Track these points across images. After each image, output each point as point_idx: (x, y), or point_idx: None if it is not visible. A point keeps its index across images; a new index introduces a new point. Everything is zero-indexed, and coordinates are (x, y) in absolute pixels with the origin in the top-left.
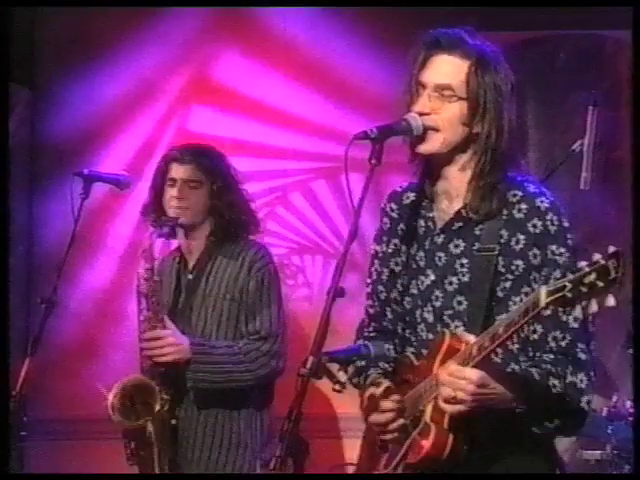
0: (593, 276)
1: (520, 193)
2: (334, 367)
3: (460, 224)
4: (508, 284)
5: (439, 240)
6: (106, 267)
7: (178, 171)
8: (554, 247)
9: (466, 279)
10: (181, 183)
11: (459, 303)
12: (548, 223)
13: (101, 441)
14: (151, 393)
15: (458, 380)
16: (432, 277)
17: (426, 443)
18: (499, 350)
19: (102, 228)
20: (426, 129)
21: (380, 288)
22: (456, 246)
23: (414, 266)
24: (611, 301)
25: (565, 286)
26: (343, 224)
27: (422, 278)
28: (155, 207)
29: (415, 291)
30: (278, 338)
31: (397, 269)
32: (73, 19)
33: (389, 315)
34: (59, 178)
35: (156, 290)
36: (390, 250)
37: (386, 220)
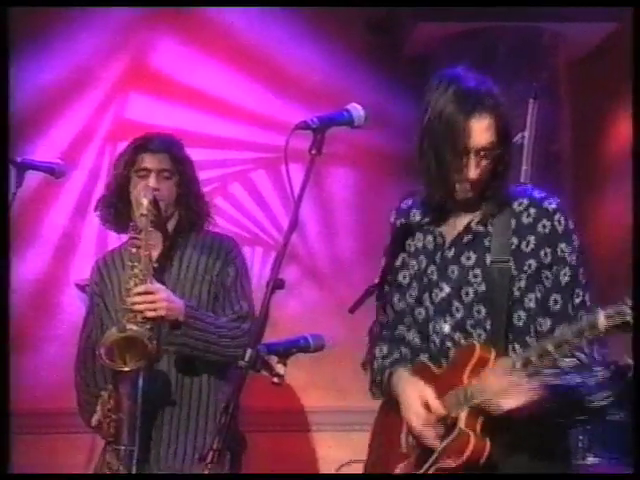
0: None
1: (526, 200)
2: (273, 360)
3: (470, 237)
4: (522, 283)
5: (450, 254)
6: (40, 258)
7: (153, 161)
8: (563, 245)
9: (482, 288)
10: (155, 173)
11: (478, 312)
12: (556, 223)
13: (32, 435)
14: (139, 342)
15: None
16: (447, 289)
17: (467, 449)
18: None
19: (36, 218)
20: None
21: (390, 299)
22: (468, 258)
23: (425, 280)
24: None
25: (625, 311)
26: (283, 215)
27: (436, 291)
28: (116, 200)
29: (428, 303)
30: (253, 319)
31: (405, 282)
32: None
33: (401, 324)
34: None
35: (148, 245)
36: (398, 264)
37: (394, 235)
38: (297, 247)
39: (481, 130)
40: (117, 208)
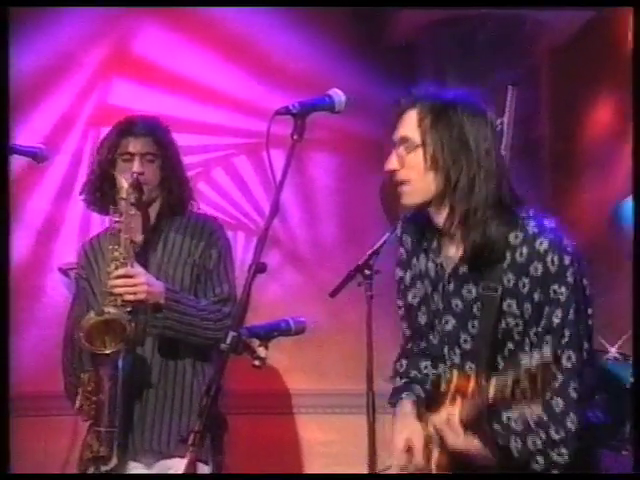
0: (525, 382)
1: (521, 235)
2: (254, 343)
3: (465, 268)
4: (520, 327)
5: (451, 287)
6: (22, 242)
7: (136, 145)
8: (555, 286)
9: None
10: (139, 157)
11: None
12: (549, 264)
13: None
14: (118, 324)
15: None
16: (453, 322)
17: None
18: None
19: (18, 202)
20: (400, 184)
21: (407, 314)
22: (469, 291)
23: (433, 307)
24: (537, 410)
25: (506, 385)
26: (265, 200)
27: (443, 322)
28: (100, 184)
29: (439, 329)
30: (235, 301)
31: (414, 302)
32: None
33: (419, 340)
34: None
35: (129, 228)
36: (407, 283)
37: (402, 251)
38: (278, 232)
39: (401, 122)
40: (102, 192)
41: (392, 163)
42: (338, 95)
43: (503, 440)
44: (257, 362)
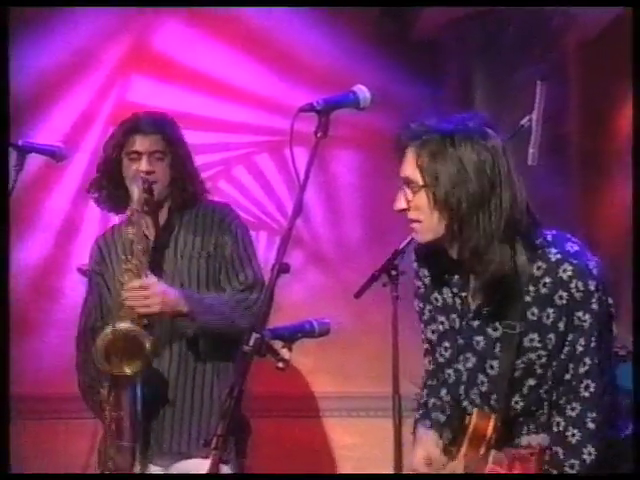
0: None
1: (544, 265)
2: (278, 344)
3: (490, 307)
4: (544, 360)
5: (475, 324)
6: (41, 242)
7: (144, 143)
8: (580, 313)
9: None
10: (147, 156)
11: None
12: (573, 291)
13: (33, 420)
14: (136, 339)
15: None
16: (473, 360)
17: None
18: None
19: (37, 202)
20: (410, 222)
21: (429, 347)
22: (495, 329)
23: (454, 342)
24: None
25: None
26: (288, 199)
27: (463, 359)
28: (107, 183)
29: (460, 367)
30: (263, 287)
31: (434, 338)
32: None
33: (440, 374)
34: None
35: (141, 238)
36: (426, 317)
37: (420, 284)
38: (302, 231)
39: (404, 161)
40: (109, 190)
41: (400, 203)
42: (363, 91)
43: None
44: (280, 364)
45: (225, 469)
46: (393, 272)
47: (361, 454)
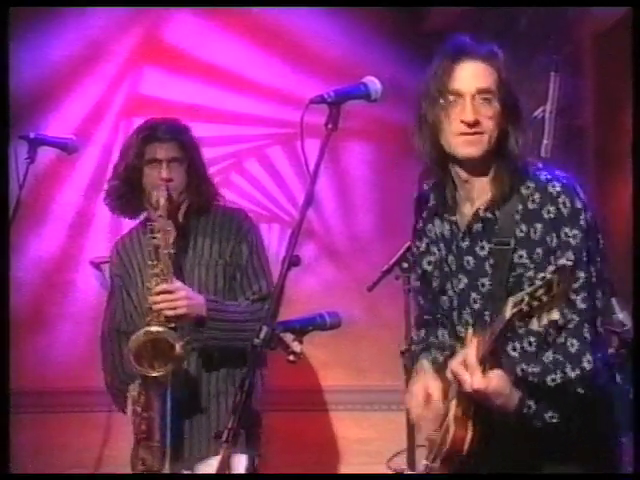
0: (542, 290)
1: (532, 185)
2: (288, 337)
3: (480, 225)
4: (531, 273)
5: (465, 244)
6: (53, 235)
7: (162, 150)
8: (567, 229)
9: None
10: (166, 163)
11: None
12: (561, 206)
13: (46, 414)
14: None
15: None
16: (465, 280)
17: (447, 439)
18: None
19: (49, 194)
20: (473, 134)
21: (422, 283)
22: (482, 248)
23: (446, 269)
24: (555, 315)
25: (523, 299)
26: (299, 191)
27: (455, 281)
28: (126, 190)
29: (451, 292)
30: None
31: (429, 269)
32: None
33: (435, 308)
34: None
35: (167, 244)
36: (422, 249)
37: (417, 218)
38: (313, 224)
39: (472, 74)
40: (127, 198)
41: (471, 113)
42: (374, 83)
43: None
44: (291, 357)
45: (242, 458)
46: (405, 264)
47: (374, 448)
